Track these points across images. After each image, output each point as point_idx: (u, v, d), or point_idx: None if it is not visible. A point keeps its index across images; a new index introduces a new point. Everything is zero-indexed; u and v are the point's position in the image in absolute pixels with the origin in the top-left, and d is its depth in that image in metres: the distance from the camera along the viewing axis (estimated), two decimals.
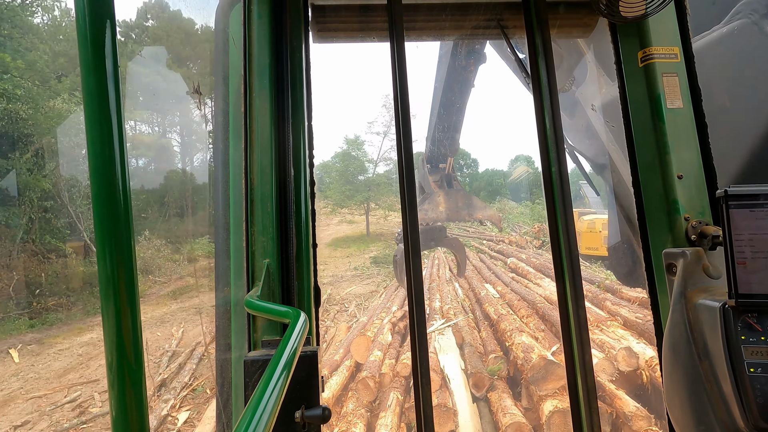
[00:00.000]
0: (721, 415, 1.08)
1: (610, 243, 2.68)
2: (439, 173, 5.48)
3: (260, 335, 1.36)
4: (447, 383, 6.36)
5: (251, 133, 1.44)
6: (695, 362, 1.16)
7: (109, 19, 0.54)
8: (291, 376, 0.75)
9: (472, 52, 3.84)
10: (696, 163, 1.45)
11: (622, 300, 8.96)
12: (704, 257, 1.28)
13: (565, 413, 5.10)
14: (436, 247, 5.51)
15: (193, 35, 29.51)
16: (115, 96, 0.54)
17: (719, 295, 1.15)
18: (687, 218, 1.40)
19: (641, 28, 1.53)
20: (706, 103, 1.49)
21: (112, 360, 0.54)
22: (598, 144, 2.30)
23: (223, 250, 1.49)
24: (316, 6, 1.77)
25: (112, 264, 0.54)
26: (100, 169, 0.53)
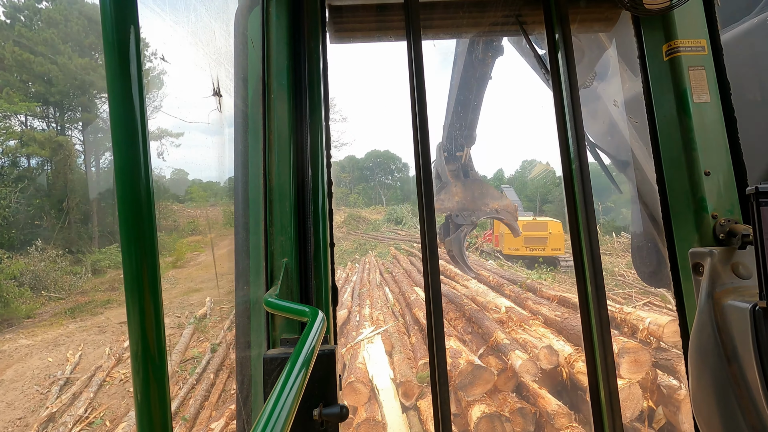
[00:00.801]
0: (750, 420, 1.06)
1: (633, 243, 2.61)
2: (455, 163, 5.46)
3: (279, 333, 1.38)
4: (376, 394, 6.24)
5: (270, 134, 1.46)
6: (724, 365, 1.13)
7: (134, 24, 0.55)
8: (309, 375, 0.75)
9: (490, 45, 3.88)
10: (724, 160, 1.40)
11: (542, 299, 9.00)
12: (733, 256, 1.24)
13: (492, 418, 5.13)
14: (483, 217, 5.37)
15: (98, 24, 28.12)
16: (140, 99, 0.56)
17: (749, 296, 1.12)
18: (715, 216, 1.36)
19: (666, 20, 1.49)
20: (736, 98, 1.43)
21: (138, 355, 0.56)
22: (621, 140, 2.24)
23: (243, 250, 1.52)
24: (333, 7, 1.78)
25: (137, 261, 0.55)
26: (125, 169, 0.55)
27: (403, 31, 1.68)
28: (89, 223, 23.50)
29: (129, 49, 0.55)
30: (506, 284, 10.99)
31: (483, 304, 9.16)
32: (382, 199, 62.73)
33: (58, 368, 9.41)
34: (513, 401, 5.65)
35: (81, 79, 25.10)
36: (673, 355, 5.85)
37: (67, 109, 26.58)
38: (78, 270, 18.03)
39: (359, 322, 9.78)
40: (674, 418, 5.27)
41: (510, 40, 3.68)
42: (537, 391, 5.70)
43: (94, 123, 27.08)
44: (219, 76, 1.55)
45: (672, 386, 5.41)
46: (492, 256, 20.20)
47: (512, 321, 7.84)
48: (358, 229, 40.17)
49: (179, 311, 13.39)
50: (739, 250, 1.25)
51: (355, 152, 75.20)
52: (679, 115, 1.45)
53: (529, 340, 6.70)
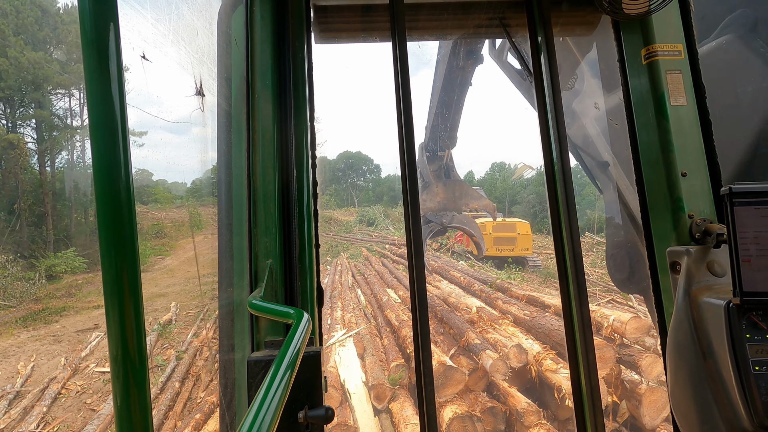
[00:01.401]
0: (725, 413, 1.08)
1: (607, 251, 2.73)
2: (437, 162, 5.62)
3: (263, 336, 1.36)
4: (348, 398, 6.24)
5: (254, 134, 1.44)
6: (700, 361, 1.16)
7: (113, 22, 0.54)
8: (294, 377, 0.75)
9: (470, 53, 4.08)
10: (700, 161, 1.45)
11: (512, 298, 9.26)
12: (709, 255, 1.28)
13: (464, 419, 5.21)
14: (448, 227, 5.56)
15: (55, 15, 24.98)
16: (120, 99, 0.55)
17: (724, 293, 1.15)
18: (691, 216, 1.40)
19: (644, 25, 1.53)
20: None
21: (117, 359, 0.54)
22: (601, 142, 2.33)
23: (226, 251, 1.48)
24: (318, 6, 1.77)
25: (117, 263, 0.54)
26: (104, 170, 0.54)
27: (388, 32, 1.69)
28: (43, 226, 22.18)
29: (108, 47, 0.54)
30: (477, 284, 11.18)
31: (454, 304, 9.28)
32: (354, 201, 62.58)
33: (7, 381, 8.86)
34: (484, 401, 5.74)
35: (34, 74, 23.69)
36: (635, 351, 6.12)
37: (18, 105, 24.94)
38: (31, 276, 16.96)
39: (330, 325, 9.66)
40: (636, 412, 5.52)
41: (490, 54, 3.92)
42: (507, 389, 5.81)
43: (49, 120, 25.59)
44: (202, 75, 1.51)
45: (634, 381, 5.65)
46: (463, 256, 20.53)
47: (483, 321, 7.98)
48: (329, 230, 39.89)
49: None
50: (714, 249, 1.29)
51: (326, 153, 74.79)
52: (657, 117, 1.49)
53: (500, 339, 6.83)
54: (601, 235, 23.45)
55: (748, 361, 1.03)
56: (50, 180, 24.66)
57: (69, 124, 26.54)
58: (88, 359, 9.80)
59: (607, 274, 2.75)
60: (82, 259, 19.59)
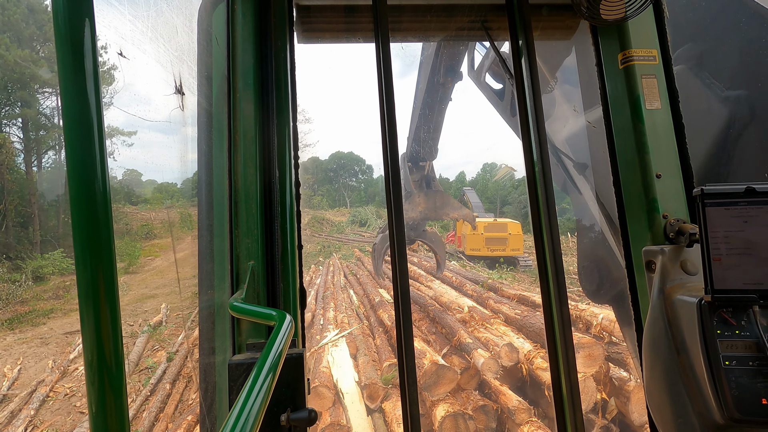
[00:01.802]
0: (698, 407, 1.11)
1: (579, 263, 2.81)
2: (419, 173, 5.76)
3: (245, 338, 1.35)
4: (341, 398, 6.26)
5: (235, 134, 1.42)
6: (674, 357, 1.19)
7: (88, 18, 0.53)
8: (277, 379, 0.74)
9: (450, 70, 4.32)
10: (674, 163, 1.49)
11: (503, 298, 9.39)
12: (682, 254, 1.31)
13: (456, 417, 5.28)
14: (416, 239, 5.77)
15: (42, 12, 24.60)
16: (95, 97, 0.54)
17: (696, 291, 1.18)
18: (665, 216, 1.44)
19: (621, 30, 1.57)
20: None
21: (93, 365, 0.53)
22: (580, 144, 2.37)
23: (207, 253, 1.47)
24: (301, 6, 1.76)
25: (92, 266, 0.53)
26: (79, 170, 0.53)
27: (372, 33, 1.68)
28: (30, 227, 21.84)
29: (83, 43, 0.52)
30: (468, 284, 11.24)
31: (446, 304, 9.32)
32: (346, 201, 62.49)
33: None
34: (476, 399, 5.78)
35: (20, 72, 23.29)
36: (624, 348, 6.19)
37: (4, 104, 24.49)
38: (17, 277, 16.73)
39: (323, 325, 9.63)
40: (625, 408, 5.58)
41: (469, 74, 4.15)
42: (498, 388, 5.87)
43: (36, 119, 25.16)
44: (181, 74, 1.49)
45: (623, 378, 5.72)
46: (455, 257, 20.61)
47: (474, 320, 8.03)
48: (322, 231, 39.80)
49: (132, 319, 12.71)
50: (687, 248, 1.32)
51: (318, 154, 74.53)
52: (633, 120, 1.53)
53: (491, 338, 6.89)
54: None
55: (719, 356, 1.05)
56: (37, 180, 24.29)
57: (56, 123, 26.07)
58: (77, 361, 9.68)
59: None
60: (70, 260, 19.32)
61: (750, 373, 1.02)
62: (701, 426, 1.11)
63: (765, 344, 1.02)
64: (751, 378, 1.02)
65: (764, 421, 0.99)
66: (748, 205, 1.05)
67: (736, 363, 1.04)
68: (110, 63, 23.03)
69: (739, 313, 1.07)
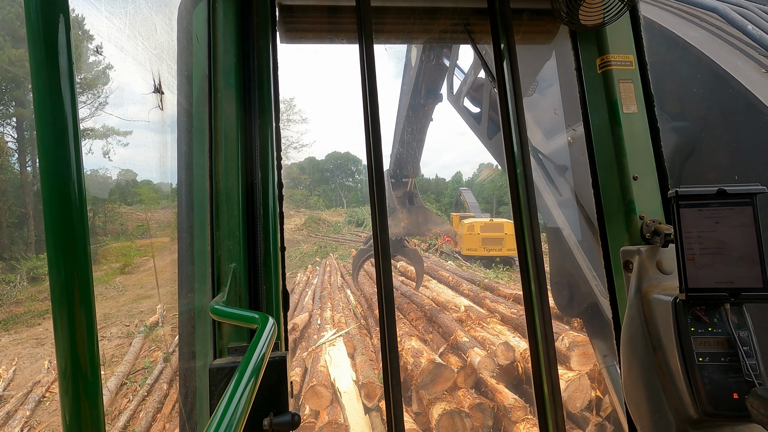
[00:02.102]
0: (673, 402, 1.14)
1: (551, 279, 2.89)
2: (401, 189, 5.97)
3: (226, 342, 1.33)
4: (338, 397, 6.26)
5: (216, 134, 1.41)
6: (650, 354, 1.21)
7: (63, 13, 0.52)
8: (259, 383, 0.73)
9: (431, 92, 4.65)
10: (650, 165, 1.52)
11: (499, 297, 9.39)
12: (658, 254, 1.34)
13: (453, 415, 5.30)
14: (394, 256, 5.96)
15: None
16: (70, 95, 0.53)
17: (671, 290, 1.21)
18: (642, 217, 1.46)
19: (599, 36, 1.59)
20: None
21: (66, 373, 0.52)
22: (560, 146, 2.42)
23: (187, 255, 1.45)
24: (283, 6, 1.75)
25: (66, 269, 0.52)
26: (52, 170, 0.52)
27: (355, 34, 1.68)
28: (25, 227, 21.68)
29: (57, 40, 0.51)
30: (465, 284, 11.23)
31: (443, 303, 9.33)
32: (342, 201, 62.41)
33: None
34: (472, 397, 5.79)
35: (15, 72, 23.10)
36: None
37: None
38: (12, 278, 16.56)
39: (320, 325, 9.60)
40: (619, 406, 5.60)
41: (448, 98, 4.41)
42: (495, 386, 5.87)
43: (30, 119, 24.94)
44: (160, 72, 1.48)
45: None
46: (451, 257, 20.62)
47: (471, 319, 8.04)
48: (318, 231, 39.73)
49: (128, 320, 12.65)
50: (663, 248, 1.35)
51: (315, 154, 74.36)
52: (611, 123, 1.55)
53: (487, 337, 6.89)
54: None
55: (693, 352, 1.08)
56: (31, 180, 24.11)
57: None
58: None
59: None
60: None
61: (722, 368, 1.06)
62: (676, 421, 1.13)
63: (736, 341, 1.05)
64: (723, 373, 1.05)
65: (735, 414, 1.02)
66: (719, 206, 1.08)
67: (709, 359, 1.07)
68: (105, 62, 22.89)
69: (711, 311, 1.10)
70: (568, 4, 1.45)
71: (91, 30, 20.20)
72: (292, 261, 24.67)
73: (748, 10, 2.35)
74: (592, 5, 1.44)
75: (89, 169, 24.27)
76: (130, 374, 8.67)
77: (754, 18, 2.29)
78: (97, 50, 4.16)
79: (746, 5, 2.41)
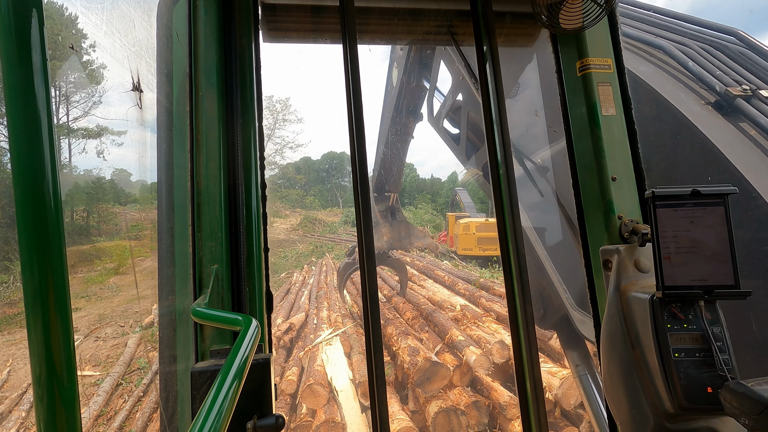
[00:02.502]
0: (651, 398, 1.16)
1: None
2: (384, 203, 6.19)
3: (209, 345, 1.32)
4: (335, 396, 6.26)
5: (197, 134, 1.39)
6: (629, 351, 1.23)
7: (36, 8, 0.51)
8: (242, 386, 0.72)
9: (412, 112, 4.95)
10: (628, 166, 1.55)
11: (494, 296, 9.40)
12: (635, 253, 1.37)
13: (449, 412, 5.35)
14: (380, 265, 6.12)
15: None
16: (44, 92, 0.52)
17: (649, 287, 1.24)
18: (620, 217, 1.49)
19: (579, 39, 1.61)
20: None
21: (41, 380, 0.51)
22: (542, 148, 2.46)
23: (167, 257, 1.43)
24: (266, 4, 1.73)
25: (40, 272, 0.51)
26: (25, 169, 0.50)
27: (339, 34, 1.67)
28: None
29: (30, 35, 0.50)
30: (461, 283, 11.24)
31: (439, 302, 9.35)
32: (338, 201, 62.29)
33: None
34: (468, 395, 5.79)
35: None
36: None
37: None
38: (5, 279, 16.40)
39: (317, 324, 9.59)
40: None
41: (429, 120, 4.59)
42: (490, 384, 5.89)
43: None
44: (139, 70, 1.46)
45: None
46: (447, 256, 20.65)
47: (467, 318, 8.05)
48: (314, 231, 39.65)
49: (122, 320, 12.57)
50: (640, 247, 1.38)
51: (311, 154, 74.12)
52: (590, 125, 1.57)
53: (483, 336, 6.91)
54: None
55: (669, 348, 1.11)
56: None
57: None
58: None
59: None
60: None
61: (696, 363, 1.08)
62: (654, 415, 1.16)
63: (709, 336, 1.08)
64: (697, 368, 1.08)
65: (710, 408, 1.05)
66: (693, 206, 1.11)
67: (685, 355, 1.09)
68: (101, 61, 22.59)
69: (686, 308, 1.13)
70: (548, 8, 1.47)
71: (68, 26, 19.94)
72: (287, 261, 24.60)
73: (690, 48, 2.65)
74: (571, 9, 1.46)
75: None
76: (126, 374, 8.64)
77: (694, 55, 2.58)
78: (72, 47, 4.09)
79: (688, 43, 2.71)
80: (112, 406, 7.29)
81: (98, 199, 21.05)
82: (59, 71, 20.34)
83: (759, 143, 2.11)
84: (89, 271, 15.71)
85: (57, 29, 17.91)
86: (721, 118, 2.24)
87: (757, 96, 2.29)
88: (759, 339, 1.88)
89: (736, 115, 2.24)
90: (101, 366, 8.97)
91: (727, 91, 2.29)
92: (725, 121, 2.23)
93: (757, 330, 1.88)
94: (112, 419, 6.83)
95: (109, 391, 7.56)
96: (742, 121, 2.21)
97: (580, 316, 2.55)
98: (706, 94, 2.35)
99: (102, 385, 7.79)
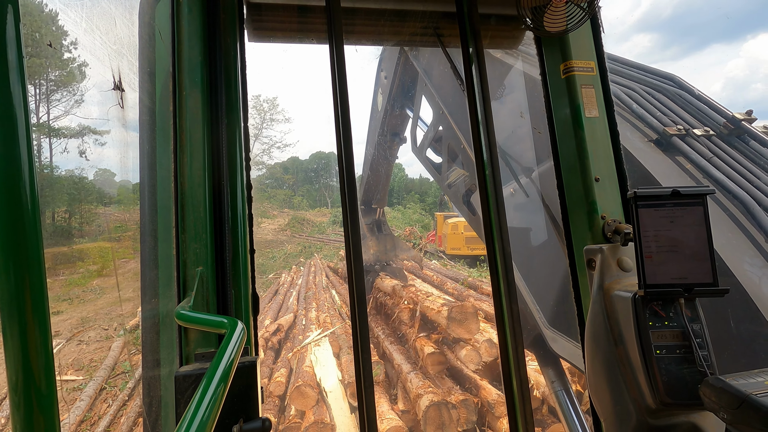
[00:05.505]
0: (633, 394, 1.18)
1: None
2: (371, 216, 6.46)
3: (193, 348, 1.30)
4: (324, 397, 6.27)
5: (181, 133, 1.37)
6: (612, 348, 1.25)
7: (11, 3, 0.49)
8: (228, 389, 0.71)
9: (395, 135, 5.34)
10: (610, 167, 1.57)
11: (483, 295, 9.47)
12: (618, 252, 1.39)
13: (439, 406, 5.39)
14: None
15: (28, 7, 24.97)
16: (21, 90, 0.50)
17: (631, 286, 1.26)
18: (603, 217, 1.51)
19: (563, 42, 1.64)
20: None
21: (18, 387, 0.49)
22: (527, 149, 2.53)
23: (151, 259, 1.41)
24: (251, 4, 1.72)
25: (17, 276, 0.50)
26: (1, 170, 0.49)
27: (325, 34, 1.66)
28: None
29: (5, 32, 0.48)
30: (449, 282, 11.27)
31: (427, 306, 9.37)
32: (327, 201, 61.96)
33: None
34: (457, 393, 5.82)
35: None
36: None
37: None
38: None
39: (305, 325, 9.52)
40: None
41: (413, 150, 4.87)
42: (479, 382, 5.93)
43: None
44: (121, 69, 1.43)
45: None
46: (435, 256, 20.71)
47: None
48: (302, 231, 39.39)
49: (106, 323, 12.33)
50: (623, 246, 1.40)
51: (299, 153, 73.63)
52: (574, 127, 1.59)
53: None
54: None
55: (651, 345, 1.13)
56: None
57: (41, 120, 24.98)
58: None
59: None
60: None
61: (677, 360, 1.11)
62: (636, 411, 1.18)
63: (689, 333, 1.11)
64: (678, 365, 1.11)
65: (690, 403, 1.07)
66: (674, 206, 1.14)
67: (666, 351, 1.12)
68: (81, 59, 22.09)
69: (667, 306, 1.16)
70: (533, 11, 1.49)
71: (47, 23, 19.47)
72: (275, 262, 24.39)
73: (634, 91, 2.93)
74: (555, 12, 1.48)
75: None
76: (110, 378, 8.46)
77: (637, 98, 2.87)
78: (50, 44, 3.97)
79: (633, 86, 2.99)
80: (95, 411, 7.13)
81: (80, 199, 20.58)
82: (38, 69, 19.85)
83: (692, 175, 2.43)
84: (71, 273, 15.36)
85: (36, 26, 17.44)
86: (661, 153, 2.57)
87: (690, 135, 2.65)
88: (737, 336, 1.94)
89: (673, 151, 2.57)
90: (84, 370, 8.78)
91: (665, 130, 2.62)
92: (664, 156, 2.55)
93: (735, 327, 1.95)
94: (96, 424, 6.69)
95: (92, 396, 7.40)
96: (678, 155, 2.55)
97: (552, 335, 2.69)
98: (648, 132, 2.67)
99: (85, 389, 7.62)
